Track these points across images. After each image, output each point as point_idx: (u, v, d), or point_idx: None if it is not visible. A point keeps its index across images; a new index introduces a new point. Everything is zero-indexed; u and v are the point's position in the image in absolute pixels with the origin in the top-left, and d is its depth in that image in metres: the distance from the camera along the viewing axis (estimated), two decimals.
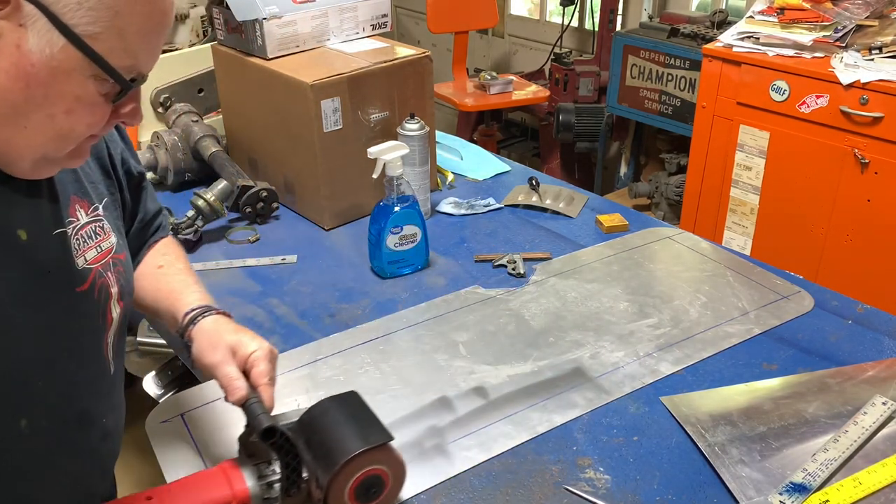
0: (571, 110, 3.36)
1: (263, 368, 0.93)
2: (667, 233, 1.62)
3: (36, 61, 0.67)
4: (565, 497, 0.96)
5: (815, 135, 2.23)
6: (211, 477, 0.87)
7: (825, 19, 2.26)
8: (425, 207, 1.65)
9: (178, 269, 1.07)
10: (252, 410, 0.88)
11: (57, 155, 0.76)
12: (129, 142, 1.02)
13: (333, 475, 0.85)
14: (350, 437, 0.87)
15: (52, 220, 0.82)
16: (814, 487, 0.95)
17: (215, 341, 0.94)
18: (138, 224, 1.07)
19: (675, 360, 1.22)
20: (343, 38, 1.74)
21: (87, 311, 0.86)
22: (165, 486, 0.84)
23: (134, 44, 0.71)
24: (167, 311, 1.02)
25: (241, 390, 0.90)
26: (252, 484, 0.86)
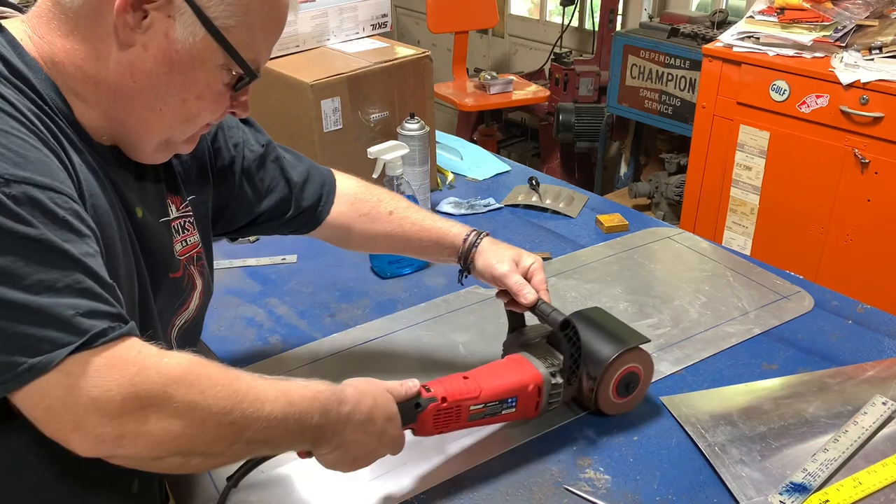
0: (571, 110, 3.36)
1: (542, 277, 1.10)
2: (667, 233, 1.62)
3: (180, 48, 0.76)
4: (565, 497, 0.96)
5: (815, 135, 2.23)
6: (510, 364, 1.02)
7: (825, 19, 2.26)
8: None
9: (412, 210, 1.18)
10: (543, 310, 1.05)
11: (179, 139, 0.85)
12: (252, 122, 1.10)
13: (605, 369, 1.02)
14: (614, 338, 1.05)
15: (158, 208, 0.91)
16: (814, 487, 0.95)
17: (500, 256, 1.10)
18: (298, 189, 1.12)
19: (675, 360, 1.21)
20: (343, 38, 1.74)
21: (171, 296, 0.93)
22: (474, 370, 0.99)
23: (258, 39, 0.81)
24: (433, 243, 1.15)
25: (533, 294, 1.06)
26: (543, 370, 1.01)
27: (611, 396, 1.05)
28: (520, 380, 0.99)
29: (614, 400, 1.06)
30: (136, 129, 0.81)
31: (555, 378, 1.01)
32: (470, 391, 0.95)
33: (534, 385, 1.00)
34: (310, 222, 1.15)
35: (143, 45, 0.75)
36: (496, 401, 0.97)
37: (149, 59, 0.76)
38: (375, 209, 1.16)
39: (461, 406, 0.94)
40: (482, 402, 0.96)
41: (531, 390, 1.00)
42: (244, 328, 1.32)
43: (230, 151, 1.05)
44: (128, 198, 0.84)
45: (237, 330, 1.32)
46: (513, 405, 0.99)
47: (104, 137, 0.82)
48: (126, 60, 0.76)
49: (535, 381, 1.00)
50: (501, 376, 0.99)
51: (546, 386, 1.01)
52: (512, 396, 0.98)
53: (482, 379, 0.97)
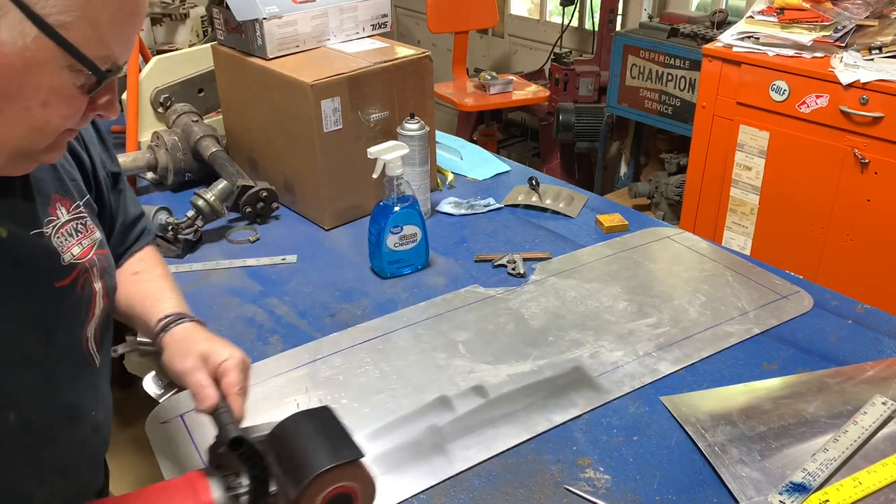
0: (571, 110, 3.36)
1: (234, 378, 0.90)
2: (666, 233, 1.63)
3: (8, 52, 0.66)
4: (565, 497, 0.96)
5: (815, 135, 2.23)
6: (177, 486, 0.84)
7: (825, 19, 2.26)
8: (425, 207, 1.65)
9: (154, 276, 1.06)
10: (221, 420, 0.85)
11: (34, 149, 0.75)
12: (108, 141, 1.02)
13: (302, 490, 0.81)
14: (321, 451, 0.83)
15: (30, 219, 0.82)
16: (814, 487, 0.95)
17: (187, 349, 0.93)
18: (119, 228, 1.05)
19: (674, 360, 1.22)
20: (343, 38, 1.74)
21: (69, 306, 0.86)
22: (128, 494, 0.82)
23: (107, 34, 0.70)
24: (140, 317, 1.01)
25: (211, 399, 0.87)
26: (218, 495, 0.82)
27: None
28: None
29: None
30: None
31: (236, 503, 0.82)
32: None
33: None
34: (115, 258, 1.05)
35: None
36: None
37: None
38: (129, 268, 1.06)
39: None
40: None
41: None
42: (244, 328, 1.32)
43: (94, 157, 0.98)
44: None
45: (237, 330, 1.32)
46: None
47: None
48: None
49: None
50: None
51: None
52: None
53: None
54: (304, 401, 1.14)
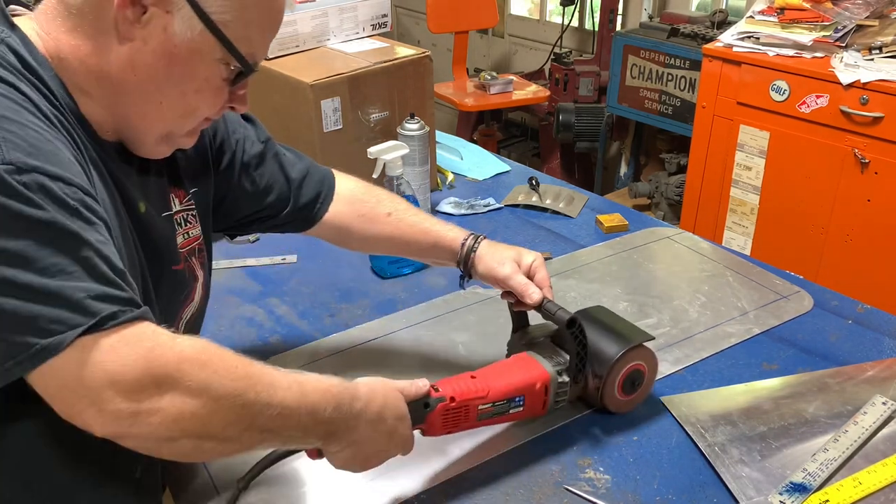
0: (571, 110, 3.36)
1: (544, 274, 1.10)
2: (667, 233, 1.62)
3: (178, 43, 0.77)
4: (565, 497, 0.96)
5: (815, 135, 2.23)
6: (517, 363, 1.02)
7: (825, 19, 2.26)
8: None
9: (411, 213, 1.18)
10: (548, 308, 1.04)
11: (179, 132, 0.86)
12: (253, 118, 1.11)
13: (611, 367, 1.02)
14: (619, 336, 1.05)
15: (161, 201, 0.93)
16: (814, 487, 0.95)
17: (500, 258, 1.10)
18: (296, 185, 1.13)
19: (674, 360, 1.21)
20: (343, 38, 1.74)
21: (175, 288, 0.95)
22: (481, 370, 0.99)
23: (254, 34, 0.82)
24: (430, 247, 1.15)
25: (538, 293, 1.06)
26: (550, 369, 1.01)
27: (616, 394, 1.06)
28: (527, 378, 0.99)
29: (619, 398, 1.07)
30: (138, 122, 0.83)
31: (561, 376, 1.02)
32: (478, 390, 0.95)
33: (541, 384, 1.00)
34: (307, 220, 1.15)
35: (143, 40, 0.77)
36: (504, 400, 0.97)
37: (148, 54, 0.77)
38: (374, 210, 1.16)
39: (469, 406, 0.94)
40: (490, 401, 0.96)
41: (538, 389, 1.00)
42: (244, 328, 1.32)
43: (231, 146, 1.06)
44: (131, 193, 0.85)
45: (237, 330, 1.32)
46: (520, 404, 0.99)
47: (108, 133, 0.83)
48: (127, 55, 0.78)
49: (542, 380, 1.00)
50: (509, 375, 0.99)
51: (553, 384, 1.01)
52: (519, 395, 0.99)
53: (490, 378, 0.97)
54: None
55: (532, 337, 1.09)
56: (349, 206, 1.16)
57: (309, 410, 0.77)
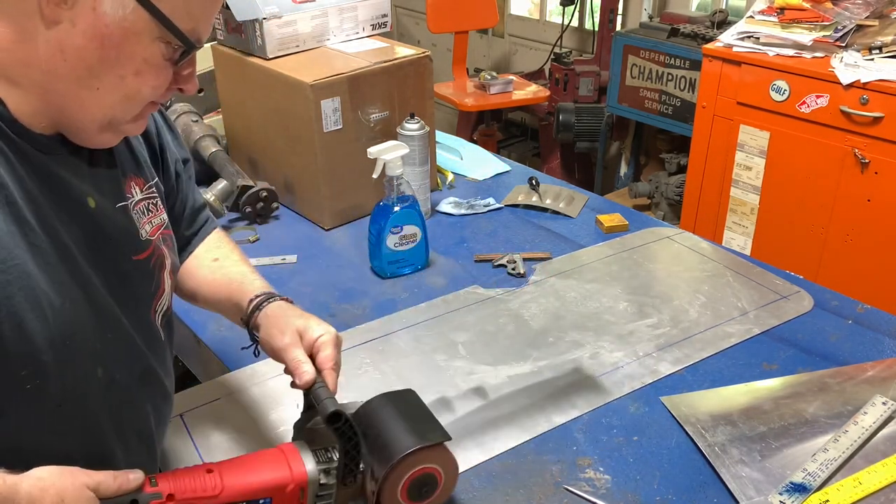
0: (571, 110, 3.36)
1: (329, 353, 0.93)
2: (666, 233, 1.62)
3: (110, 22, 0.72)
4: (565, 497, 0.96)
5: (815, 135, 2.23)
6: (270, 456, 0.86)
7: (825, 19, 2.26)
8: (425, 207, 1.65)
9: (234, 261, 1.10)
10: (318, 395, 0.88)
11: (122, 118, 0.81)
12: (175, 129, 1.06)
13: (391, 468, 0.85)
14: (409, 432, 0.88)
15: (115, 193, 0.87)
16: (814, 487, 0.95)
17: (283, 325, 0.95)
18: (189, 212, 1.10)
19: (674, 360, 1.21)
20: (343, 38, 1.74)
21: (144, 279, 0.91)
22: (226, 461, 0.84)
23: (195, 8, 0.77)
24: (228, 300, 1.05)
25: (309, 374, 0.90)
26: (311, 467, 0.85)
27: (399, 501, 0.88)
28: (277, 477, 0.83)
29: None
30: (76, 111, 0.78)
31: (326, 477, 0.85)
32: (207, 489, 0.79)
33: (294, 485, 0.84)
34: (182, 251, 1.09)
35: (71, 21, 0.72)
36: (243, 502, 0.81)
37: (78, 36, 0.72)
38: (207, 254, 1.11)
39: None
40: (223, 502, 0.80)
41: (290, 491, 0.84)
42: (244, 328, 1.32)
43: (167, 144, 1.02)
44: (76, 189, 0.81)
45: (237, 330, 1.31)
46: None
47: (44, 125, 0.78)
48: (55, 39, 0.72)
49: (296, 481, 0.84)
50: (255, 471, 0.83)
51: (311, 486, 0.85)
52: (265, 497, 0.82)
53: (230, 473, 0.82)
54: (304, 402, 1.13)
55: (317, 422, 0.91)
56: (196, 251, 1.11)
57: None
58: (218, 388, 1.19)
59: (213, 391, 1.18)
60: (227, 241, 1.15)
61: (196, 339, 1.33)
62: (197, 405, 1.15)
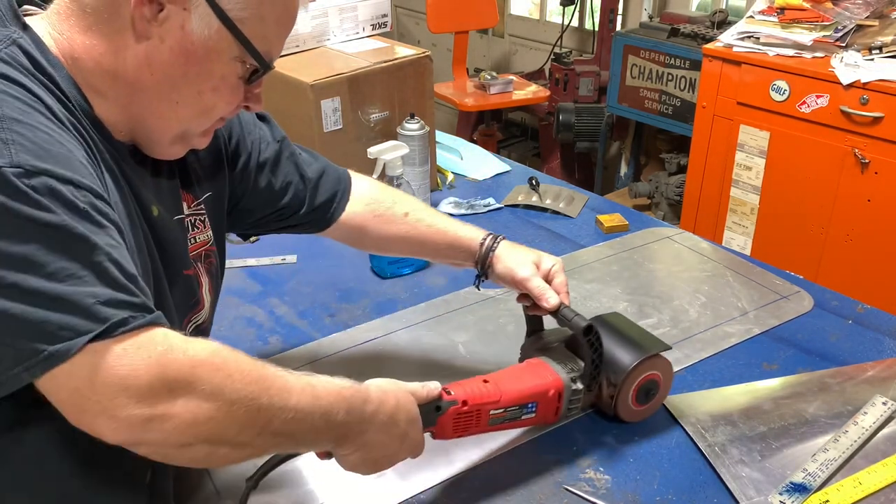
0: (571, 110, 3.36)
1: (563, 279, 1.08)
2: (667, 233, 1.62)
3: (196, 40, 0.77)
4: (565, 497, 0.96)
5: (815, 135, 2.23)
6: (530, 368, 1.01)
7: (825, 19, 2.26)
8: None
9: (429, 213, 1.17)
10: (565, 314, 1.02)
11: (195, 132, 0.86)
12: (268, 118, 1.10)
13: (626, 375, 1.01)
14: (634, 345, 1.03)
15: (174, 205, 0.92)
16: (814, 487, 0.95)
17: (520, 260, 1.08)
18: (311, 185, 1.12)
19: (674, 361, 1.21)
20: (343, 38, 1.74)
21: (186, 293, 0.94)
22: (495, 374, 0.97)
23: (271, 31, 0.82)
24: (448, 247, 1.14)
25: (555, 298, 1.04)
26: (564, 376, 1.00)
27: (630, 403, 1.04)
28: (540, 385, 0.98)
29: (633, 407, 1.05)
30: (154, 122, 0.82)
31: (575, 384, 1.00)
32: (490, 395, 0.93)
33: (554, 390, 0.99)
34: (323, 220, 1.14)
35: (160, 38, 0.76)
36: (516, 405, 0.96)
37: (165, 52, 0.77)
38: (391, 210, 1.15)
39: (481, 410, 0.93)
40: (503, 406, 0.95)
41: (551, 395, 0.99)
42: (244, 328, 1.32)
43: (247, 147, 1.05)
44: (144, 196, 0.84)
45: (237, 330, 1.32)
46: (533, 410, 0.98)
47: (122, 133, 0.83)
48: (143, 53, 0.77)
49: (555, 387, 0.99)
50: (522, 381, 0.97)
51: (566, 391, 1.00)
52: (532, 401, 0.97)
53: (503, 383, 0.96)
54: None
55: (546, 342, 1.08)
56: (365, 207, 1.15)
57: (322, 414, 0.76)
58: None
59: None
60: (388, 191, 1.19)
61: None
62: None
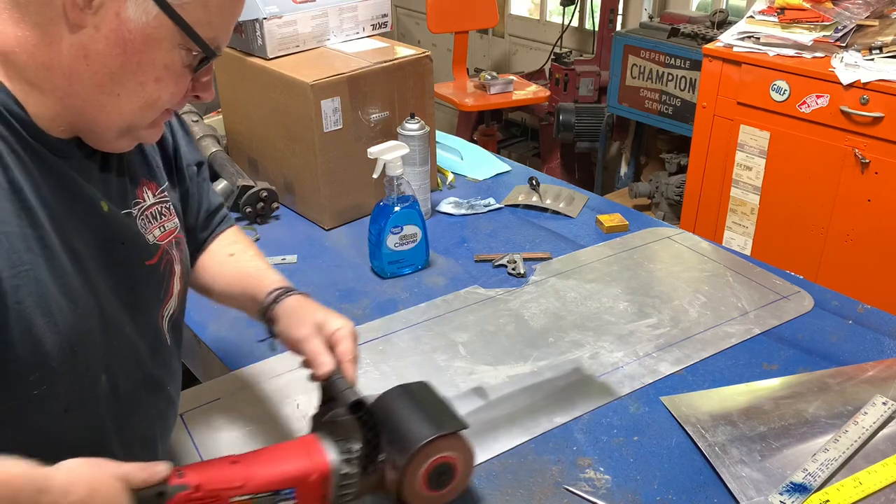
0: (571, 110, 3.36)
1: (348, 346, 0.95)
2: (667, 233, 1.62)
3: (133, 28, 0.73)
4: (565, 497, 0.96)
5: (815, 135, 2.23)
6: (292, 447, 0.88)
7: (825, 19, 2.26)
8: (425, 207, 1.65)
9: (250, 256, 1.11)
10: (337, 386, 0.90)
11: (141, 124, 0.82)
12: (190, 132, 1.07)
13: (411, 457, 0.88)
14: (426, 422, 0.90)
15: (122, 199, 0.88)
16: (814, 487, 0.95)
17: (301, 317, 0.97)
18: (203, 214, 1.11)
19: (674, 360, 1.21)
20: (343, 38, 1.74)
21: (153, 284, 0.92)
22: (249, 453, 0.85)
23: (215, 17, 0.77)
24: (244, 293, 1.06)
25: (329, 365, 0.91)
26: (333, 457, 0.86)
27: (418, 489, 0.91)
28: (300, 468, 0.84)
29: (423, 493, 0.91)
30: (95, 115, 0.79)
31: (347, 466, 0.86)
32: (234, 479, 0.80)
33: (318, 475, 0.85)
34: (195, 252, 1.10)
35: (95, 27, 0.73)
36: (268, 492, 0.82)
37: (101, 41, 0.73)
38: (222, 249, 1.12)
39: (220, 497, 0.79)
40: (249, 492, 0.81)
41: (314, 480, 0.84)
42: (244, 328, 1.32)
43: (182, 150, 1.03)
44: (90, 193, 0.82)
45: (237, 330, 1.32)
46: (290, 497, 0.84)
47: (62, 129, 0.79)
48: (78, 43, 0.73)
49: (318, 471, 0.85)
50: (279, 462, 0.84)
51: (335, 476, 0.85)
52: (289, 487, 0.83)
53: (254, 464, 0.83)
54: (305, 401, 1.13)
55: (337, 413, 0.92)
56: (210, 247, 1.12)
57: None
58: (218, 388, 1.19)
59: (213, 391, 1.18)
60: (242, 238, 1.16)
61: (196, 339, 1.33)
62: (197, 405, 1.15)
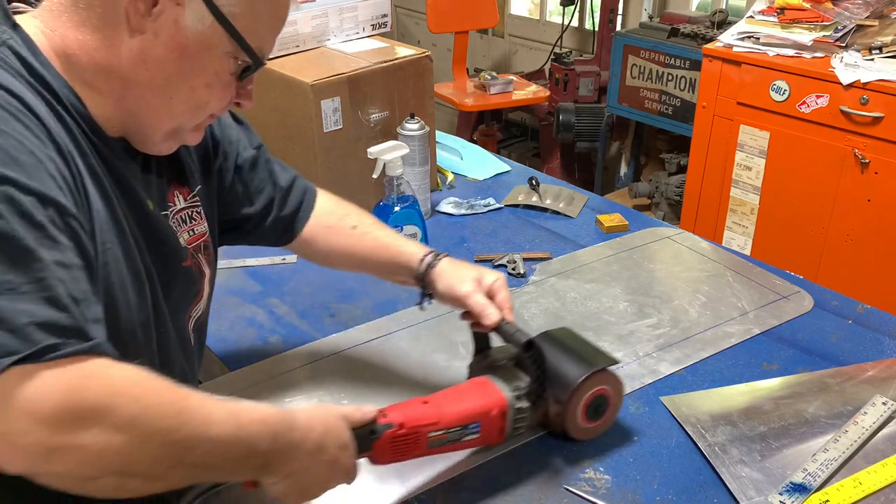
0: (571, 110, 3.36)
1: (505, 295, 1.05)
2: (667, 233, 1.62)
3: (189, 35, 0.78)
4: (565, 497, 0.96)
5: (815, 135, 2.23)
6: (472, 388, 0.97)
7: (825, 19, 2.26)
8: (425, 207, 1.65)
9: (372, 225, 1.16)
10: (506, 330, 1.00)
11: (186, 127, 0.86)
12: (244, 121, 1.10)
13: (573, 392, 0.98)
14: (582, 359, 1.01)
15: (160, 200, 0.92)
16: (814, 487, 0.95)
17: (460, 276, 1.06)
18: (279, 195, 1.12)
19: (674, 360, 1.21)
20: (343, 38, 1.74)
21: (184, 285, 0.95)
22: (437, 394, 0.94)
23: (263, 27, 0.82)
24: (390, 261, 1.12)
25: (496, 315, 1.01)
26: (508, 394, 0.96)
27: (579, 421, 1.01)
28: (482, 404, 0.94)
29: (582, 424, 1.02)
30: (147, 117, 0.83)
31: (520, 402, 0.96)
32: (429, 417, 0.89)
33: (497, 409, 0.95)
34: (286, 232, 1.13)
35: (154, 33, 0.77)
36: (457, 426, 0.91)
37: (159, 46, 0.77)
38: (340, 222, 1.15)
39: (420, 433, 0.88)
40: (443, 428, 0.90)
41: (494, 415, 0.95)
42: (244, 328, 1.32)
43: (225, 148, 1.06)
44: (137, 191, 0.85)
45: (237, 330, 1.32)
46: (476, 431, 0.94)
47: (114, 129, 0.83)
48: (137, 48, 0.77)
49: (498, 406, 0.95)
50: (463, 401, 0.94)
51: (510, 410, 0.96)
52: (474, 422, 0.93)
53: (443, 403, 0.92)
54: (303, 401, 1.13)
55: (493, 360, 1.04)
56: (315, 218, 1.15)
57: (244, 444, 0.73)
58: (218, 388, 1.19)
59: (212, 391, 1.18)
60: (347, 206, 1.19)
61: None
62: None
